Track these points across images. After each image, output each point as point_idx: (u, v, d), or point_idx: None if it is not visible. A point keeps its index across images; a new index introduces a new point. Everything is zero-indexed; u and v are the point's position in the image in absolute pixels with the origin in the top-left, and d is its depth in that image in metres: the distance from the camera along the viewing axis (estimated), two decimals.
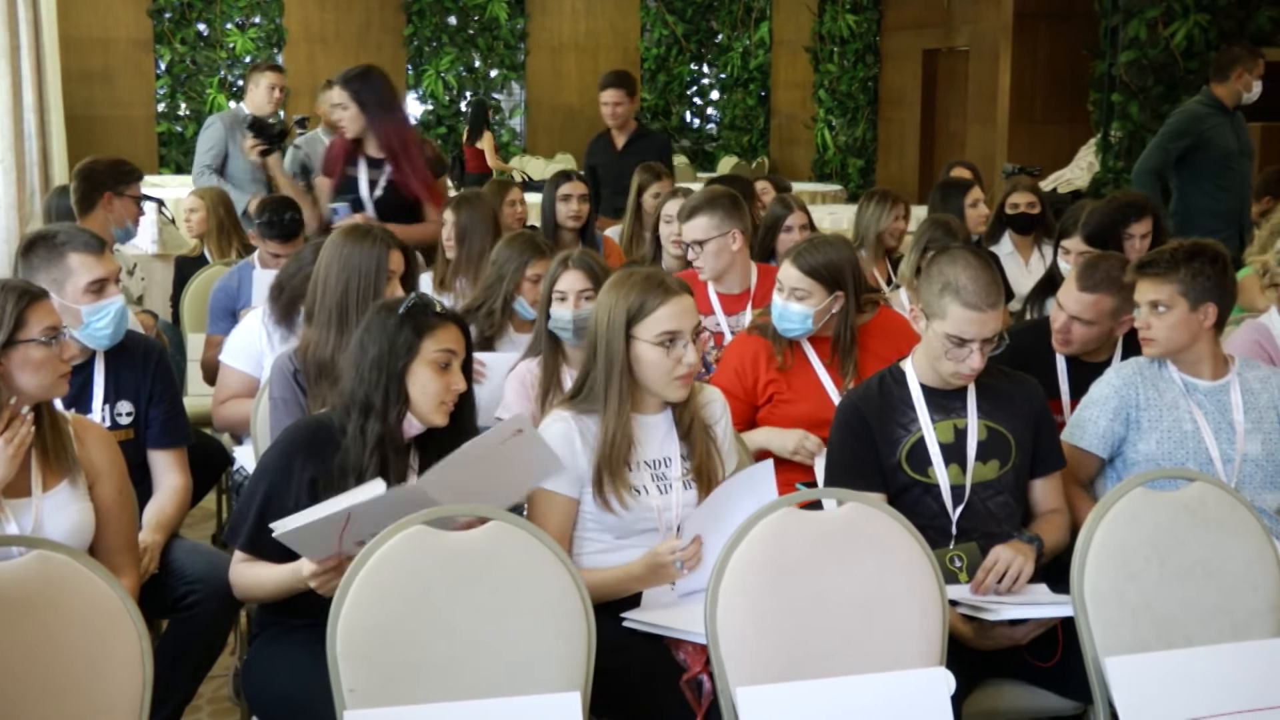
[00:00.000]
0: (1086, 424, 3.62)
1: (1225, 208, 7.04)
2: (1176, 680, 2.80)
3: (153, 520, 3.55)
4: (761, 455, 3.83)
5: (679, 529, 3.11)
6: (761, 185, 7.29)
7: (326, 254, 3.89)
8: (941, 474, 3.32)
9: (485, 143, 14.29)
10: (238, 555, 3.10)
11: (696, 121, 19.99)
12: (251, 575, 3.06)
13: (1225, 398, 3.59)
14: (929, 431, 3.34)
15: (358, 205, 5.74)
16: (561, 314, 3.88)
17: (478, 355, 3.87)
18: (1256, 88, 7.11)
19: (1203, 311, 3.53)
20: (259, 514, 3.01)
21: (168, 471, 3.73)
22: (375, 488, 2.81)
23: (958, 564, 3.28)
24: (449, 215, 5.28)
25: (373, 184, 5.74)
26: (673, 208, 5.65)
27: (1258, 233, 5.47)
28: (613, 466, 3.15)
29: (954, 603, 3.08)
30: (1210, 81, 7.22)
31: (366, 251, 3.85)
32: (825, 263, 3.93)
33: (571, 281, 3.91)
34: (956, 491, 3.33)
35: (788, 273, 3.93)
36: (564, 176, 6.29)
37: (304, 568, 2.87)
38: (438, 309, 3.09)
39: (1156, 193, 7.02)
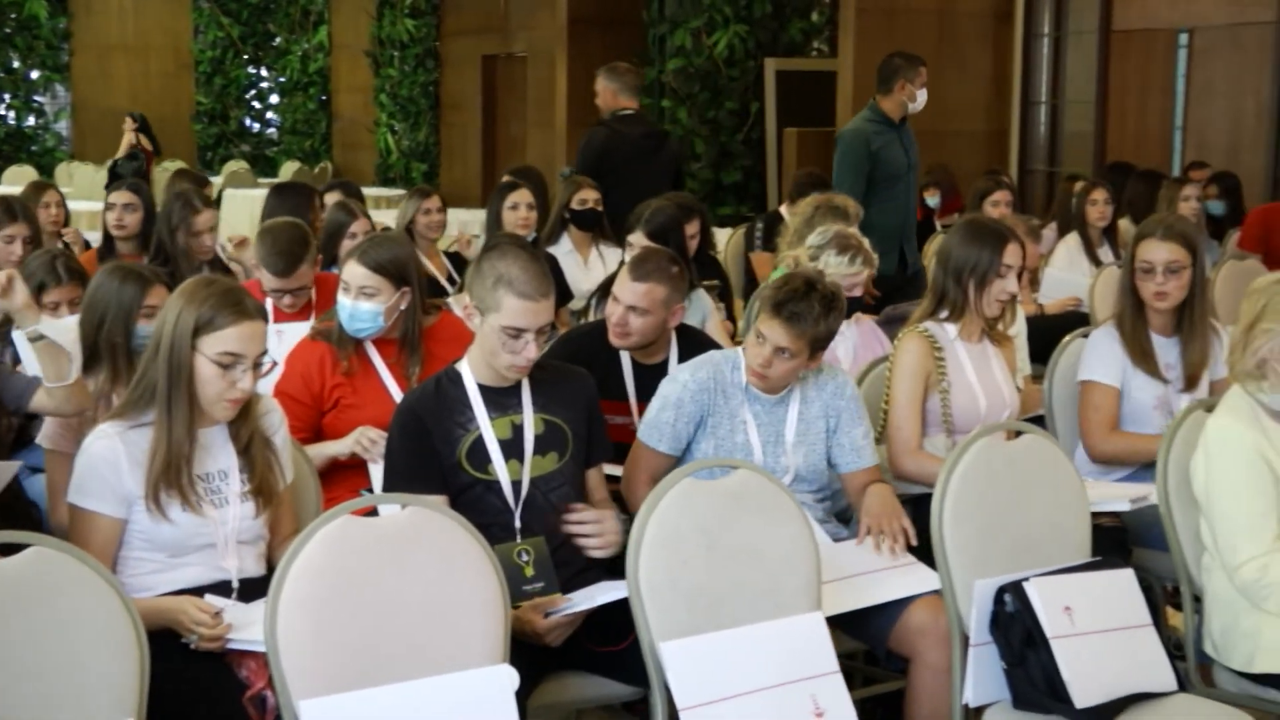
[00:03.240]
0: (663, 426, 3.70)
1: (889, 223, 6.82)
2: (727, 659, 2.93)
3: None
4: (327, 465, 3.79)
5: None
6: (333, 195, 7.25)
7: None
8: (501, 470, 3.37)
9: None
10: None
11: (256, 126, 19.54)
12: None
13: (783, 410, 3.74)
14: (487, 429, 3.39)
15: None
16: (141, 329, 3.74)
17: None
18: (921, 97, 6.96)
19: (817, 359, 3.68)
20: None
21: None
22: None
23: (524, 558, 3.33)
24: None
25: None
26: None
27: (784, 228, 5.81)
28: (169, 479, 3.05)
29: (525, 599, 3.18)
30: (876, 95, 7.05)
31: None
32: (391, 258, 3.94)
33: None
34: (517, 487, 3.39)
35: (354, 272, 3.91)
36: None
37: None
38: None
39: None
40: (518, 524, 3.37)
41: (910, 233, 7.04)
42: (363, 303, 3.91)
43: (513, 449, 3.40)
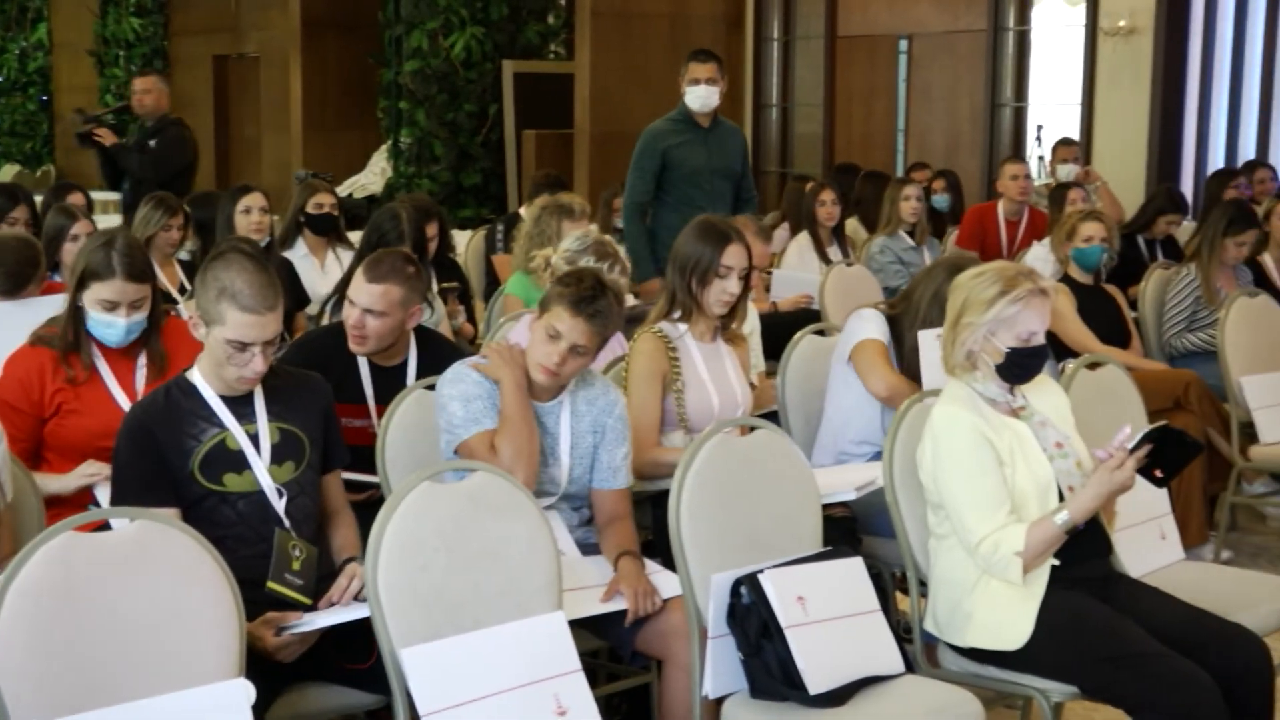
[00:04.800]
0: (478, 413, 3.63)
1: (682, 225, 6.54)
2: (468, 662, 2.93)
3: None
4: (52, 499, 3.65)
5: None
6: (75, 196, 7.03)
7: None
8: (237, 481, 3.31)
9: None
10: None
11: None
12: None
13: (553, 421, 3.71)
14: (221, 439, 3.31)
15: None
16: None
17: None
18: (690, 94, 6.70)
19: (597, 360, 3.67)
20: None
21: None
22: None
23: (296, 553, 3.28)
24: None
25: None
26: None
27: (517, 230, 5.83)
28: None
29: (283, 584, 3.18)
30: None
31: None
32: (145, 261, 3.89)
33: None
34: (253, 496, 3.32)
35: (124, 289, 3.78)
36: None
37: None
38: None
39: (640, 222, 6.65)
40: (254, 537, 3.30)
41: None
42: (136, 315, 3.83)
43: (248, 459, 3.33)
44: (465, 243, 8.31)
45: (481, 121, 12.30)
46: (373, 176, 12.88)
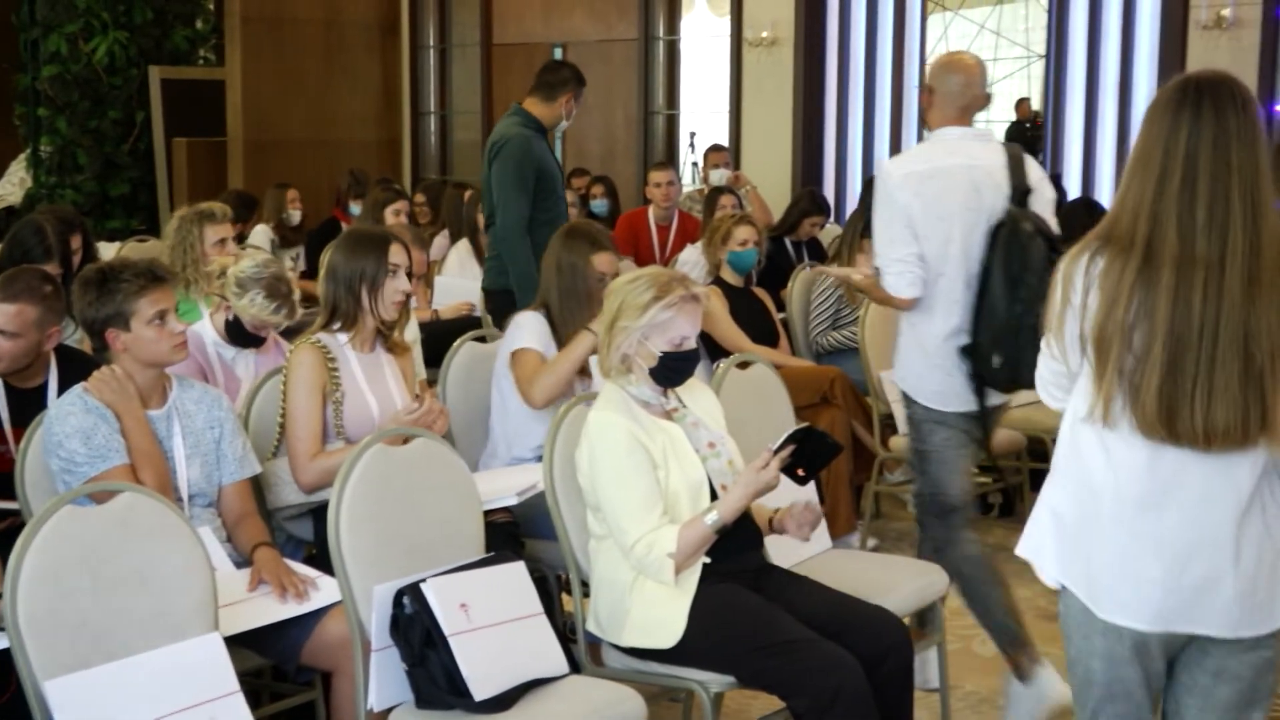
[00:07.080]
0: (102, 449, 3.55)
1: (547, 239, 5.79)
2: (118, 691, 2.84)
3: None
4: None
5: None
6: None
7: None
8: None
9: None
10: None
11: None
12: None
13: (169, 425, 3.70)
14: None
15: None
16: None
17: None
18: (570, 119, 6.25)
19: None
20: None
21: None
22: None
23: None
24: None
25: None
26: None
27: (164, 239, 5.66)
28: None
29: None
30: (532, 96, 6.18)
31: None
32: None
33: None
34: None
35: None
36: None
37: None
38: None
39: (526, 241, 5.86)
40: None
41: None
42: None
43: None
44: (113, 255, 8.00)
45: (128, 129, 11.86)
46: (11, 187, 12.27)
